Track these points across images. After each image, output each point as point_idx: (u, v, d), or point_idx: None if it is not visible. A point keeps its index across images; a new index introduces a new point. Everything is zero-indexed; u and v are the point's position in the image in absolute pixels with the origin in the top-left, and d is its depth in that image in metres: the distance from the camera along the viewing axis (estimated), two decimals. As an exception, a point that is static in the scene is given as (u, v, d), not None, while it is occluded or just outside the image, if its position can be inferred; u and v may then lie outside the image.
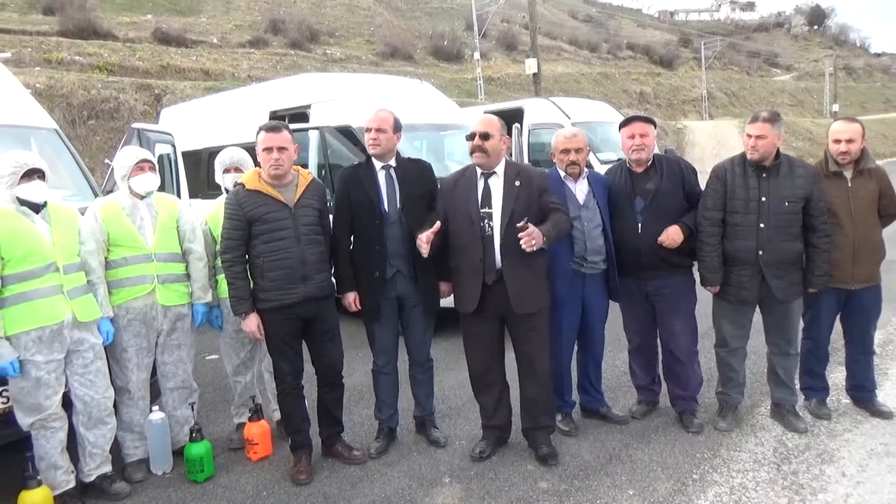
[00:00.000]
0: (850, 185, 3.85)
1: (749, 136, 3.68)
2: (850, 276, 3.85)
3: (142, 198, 3.71)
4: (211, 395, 4.96)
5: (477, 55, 34.91)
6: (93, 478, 3.53)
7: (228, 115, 8.78)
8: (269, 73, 26.77)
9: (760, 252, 3.70)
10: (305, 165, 7.16)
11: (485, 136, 3.52)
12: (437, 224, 3.46)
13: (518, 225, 3.26)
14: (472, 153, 3.57)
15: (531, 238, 3.24)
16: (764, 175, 3.72)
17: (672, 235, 3.79)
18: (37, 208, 3.30)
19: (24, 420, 3.26)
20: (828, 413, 4.08)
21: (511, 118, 10.32)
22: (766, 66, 79.27)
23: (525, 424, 3.83)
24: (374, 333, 3.89)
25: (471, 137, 3.56)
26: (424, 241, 3.38)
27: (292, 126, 7.34)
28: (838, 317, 4.07)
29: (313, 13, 42.36)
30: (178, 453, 3.81)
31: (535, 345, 3.67)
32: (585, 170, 3.97)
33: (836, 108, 43.87)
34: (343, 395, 3.91)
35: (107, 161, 13.09)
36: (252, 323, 3.55)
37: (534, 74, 17.64)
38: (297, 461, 3.70)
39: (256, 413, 3.95)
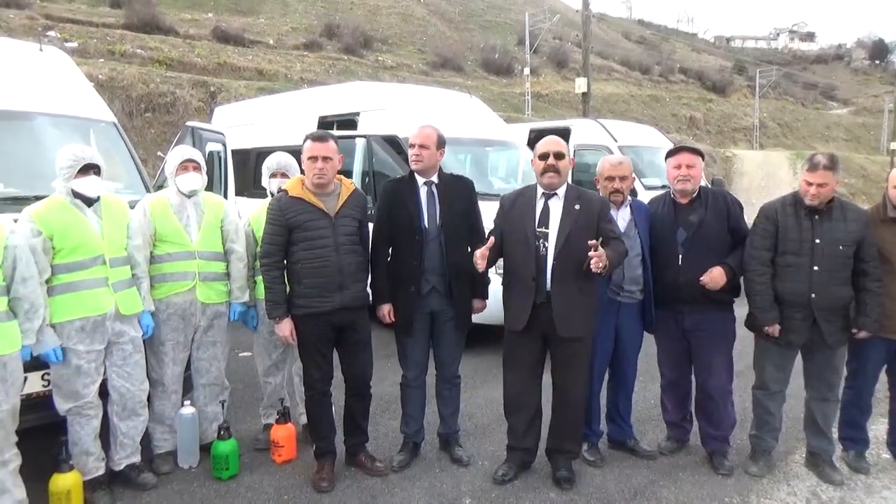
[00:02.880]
0: (907, 232, 3.72)
1: (809, 183, 3.58)
2: (901, 327, 3.72)
3: (189, 196, 3.80)
4: (241, 393, 5.03)
5: (527, 70, 34.98)
6: (122, 466, 3.61)
7: (279, 118, 8.96)
8: (321, 76, 27.27)
9: (813, 295, 3.60)
10: (351, 172, 7.27)
11: (559, 156, 3.52)
12: (492, 239, 3.47)
13: (590, 243, 3.23)
14: (543, 173, 3.55)
15: (600, 260, 3.21)
16: (817, 217, 3.63)
17: (716, 278, 3.71)
18: (90, 202, 3.41)
19: (61, 405, 3.36)
20: (866, 467, 3.93)
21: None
22: (822, 99, 77.28)
23: (549, 445, 3.81)
24: (406, 347, 3.90)
25: (544, 157, 3.54)
26: (479, 256, 3.39)
27: (339, 133, 7.50)
28: (884, 369, 3.92)
29: (368, 20, 42.99)
30: (205, 449, 3.88)
31: (574, 371, 3.64)
32: (629, 198, 3.93)
33: (893, 145, 42.43)
34: (370, 405, 3.93)
35: (160, 154, 13.46)
36: (286, 328, 3.59)
37: (583, 94, 17.55)
38: (321, 468, 3.72)
39: (284, 416, 4.00)
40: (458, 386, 4.08)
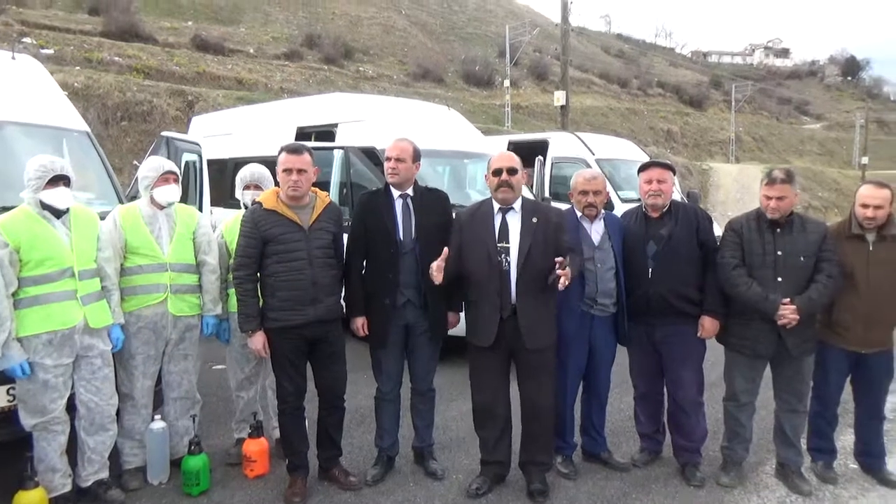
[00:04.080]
0: (870, 248, 3.80)
1: (769, 197, 3.68)
2: (862, 340, 3.80)
3: (162, 208, 3.77)
4: (214, 406, 4.97)
5: (507, 83, 35.21)
6: (89, 483, 3.54)
7: (256, 128, 8.93)
8: (301, 86, 27.25)
9: None
10: (328, 183, 7.26)
11: (511, 171, 3.57)
12: (445, 251, 3.49)
13: (557, 260, 3.27)
14: (497, 188, 3.59)
15: (566, 278, 3.27)
16: (779, 230, 3.72)
17: (708, 329, 3.86)
18: (59, 213, 3.36)
19: (27, 421, 3.30)
20: (834, 477, 3.99)
21: (535, 150, 10.39)
22: (796, 114, 78.86)
23: (522, 458, 3.81)
24: (380, 360, 3.89)
25: (497, 173, 3.59)
26: (435, 269, 3.43)
27: (317, 144, 7.49)
28: (849, 379, 4.00)
29: (350, 30, 43.11)
30: (176, 464, 3.82)
31: (541, 382, 3.66)
32: (602, 211, 3.98)
33: (865, 160, 43.45)
34: (343, 419, 3.90)
35: (135, 163, 13.31)
36: (258, 341, 3.57)
37: (562, 106, 17.71)
38: (293, 482, 3.69)
39: (257, 430, 3.96)
40: (432, 399, 4.08)
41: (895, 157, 65.86)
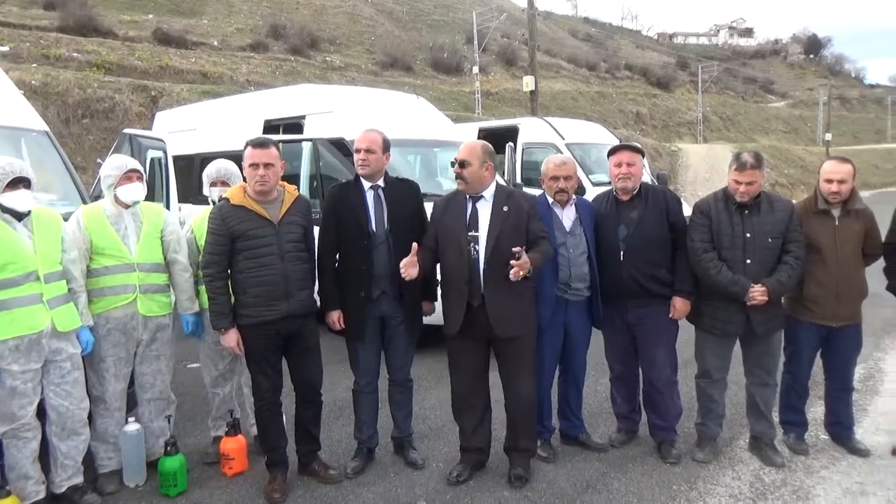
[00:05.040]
0: (837, 223, 3.88)
1: (738, 182, 3.71)
2: (832, 314, 3.88)
3: (127, 207, 3.69)
4: (190, 405, 4.91)
5: (476, 69, 35.13)
6: (63, 489, 3.48)
7: (223, 122, 8.79)
8: (267, 78, 26.85)
9: None
10: (298, 176, 7.18)
11: (462, 164, 3.56)
12: (415, 246, 3.49)
13: (514, 250, 3.28)
14: (455, 179, 3.62)
15: (520, 269, 3.28)
16: (746, 212, 3.76)
17: (680, 309, 3.91)
18: (20, 216, 3.27)
19: (-5, 428, 3.22)
20: (805, 448, 4.09)
21: (506, 136, 10.41)
22: (761, 93, 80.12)
23: (506, 444, 3.84)
24: (357, 352, 3.87)
25: (453, 164, 3.62)
26: (404, 265, 3.44)
27: (286, 137, 7.40)
28: (819, 352, 4.09)
29: (315, 20, 42.54)
30: (153, 465, 3.77)
31: (519, 369, 3.67)
32: (574, 196, 4.00)
33: (828, 136, 44.34)
34: (321, 413, 3.89)
35: (99, 161, 13.02)
36: (231, 338, 3.53)
37: (531, 92, 17.74)
38: (273, 479, 3.67)
39: (234, 427, 3.92)
40: (410, 389, 4.08)
41: (857, 133, 67.47)
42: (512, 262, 3.27)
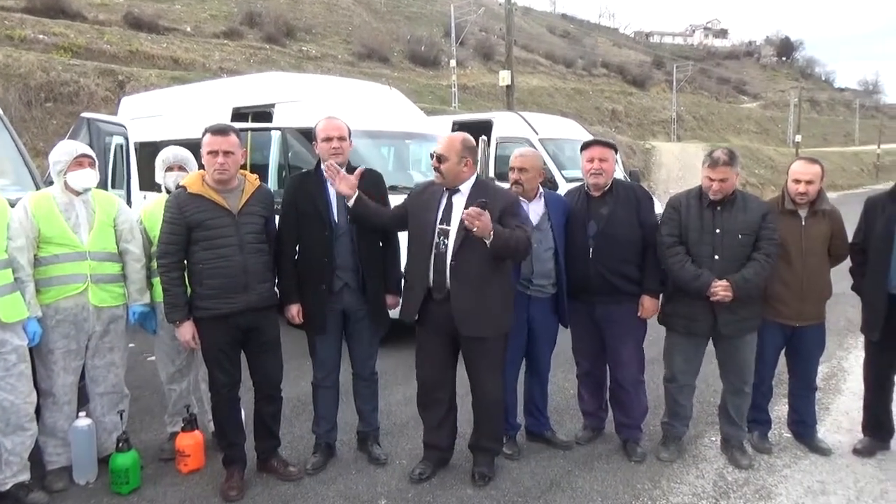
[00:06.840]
0: (803, 223, 3.87)
1: (711, 179, 3.67)
2: (797, 313, 3.88)
3: (78, 194, 3.54)
4: (147, 399, 4.76)
5: (453, 63, 34.99)
6: (9, 486, 3.33)
7: (190, 109, 8.57)
8: (241, 66, 26.40)
9: None
10: (266, 165, 7.03)
11: (439, 159, 3.47)
12: (361, 169, 3.58)
13: (478, 201, 3.16)
14: (434, 171, 3.53)
15: (474, 218, 3.11)
16: (718, 208, 3.73)
17: (648, 308, 3.89)
18: (-40, 201, 3.11)
19: (-66, 424, 3.07)
20: (769, 447, 4.10)
21: (480, 130, 10.32)
22: (734, 93, 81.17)
23: (471, 441, 3.78)
24: (316, 346, 3.78)
25: (431, 157, 3.53)
26: (340, 173, 3.50)
27: (254, 125, 7.24)
28: (783, 351, 4.09)
29: (291, 8, 41.91)
30: (104, 462, 3.64)
31: (484, 371, 3.58)
32: (542, 190, 3.93)
33: (798, 138, 45.02)
34: (281, 409, 3.78)
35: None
36: (187, 332, 3.41)
37: (507, 86, 17.69)
38: (230, 476, 3.56)
39: (190, 423, 3.80)
40: (376, 383, 4.00)
41: (827, 136, 68.75)
42: (472, 207, 3.14)
